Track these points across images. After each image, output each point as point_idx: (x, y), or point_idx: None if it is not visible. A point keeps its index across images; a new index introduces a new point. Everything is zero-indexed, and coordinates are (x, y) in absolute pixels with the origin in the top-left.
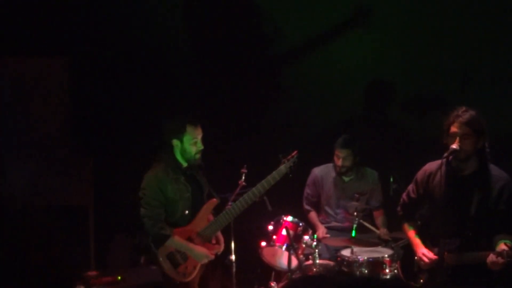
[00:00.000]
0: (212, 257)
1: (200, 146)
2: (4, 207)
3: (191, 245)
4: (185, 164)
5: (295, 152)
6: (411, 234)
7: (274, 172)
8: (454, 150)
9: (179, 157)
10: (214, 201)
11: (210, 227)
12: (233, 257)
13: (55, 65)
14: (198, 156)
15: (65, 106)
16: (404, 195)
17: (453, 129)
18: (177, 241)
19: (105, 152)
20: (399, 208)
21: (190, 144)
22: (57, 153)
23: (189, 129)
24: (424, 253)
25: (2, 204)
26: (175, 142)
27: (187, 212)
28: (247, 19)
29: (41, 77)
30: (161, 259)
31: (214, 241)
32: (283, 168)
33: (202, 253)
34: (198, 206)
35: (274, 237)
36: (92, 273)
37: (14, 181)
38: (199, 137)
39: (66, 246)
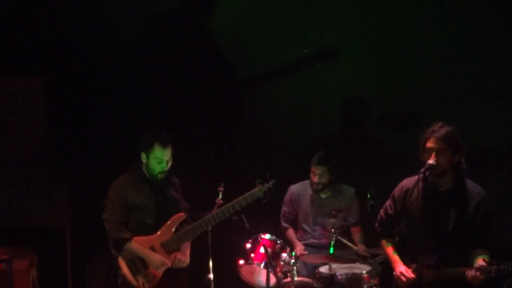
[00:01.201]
0: (168, 264)
1: (164, 167)
2: None
3: (147, 251)
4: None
5: (273, 181)
6: (389, 250)
7: (247, 194)
8: (431, 165)
9: (144, 168)
10: (182, 215)
11: (174, 239)
12: (211, 275)
13: (33, 86)
14: (160, 176)
15: (42, 127)
16: (381, 212)
17: (429, 144)
18: (134, 246)
19: (82, 173)
20: (376, 225)
21: (155, 162)
22: (34, 174)
23: (156, 147)
24: (402, 271)
25: None
26: (142, 155)
27: (149, 221)
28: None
29: (18, 98)
30: (122, 265)
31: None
32: (257, 191)
33: (159, 260)
34: (163, 217)
35: (252, 255)
36: None
37: None
38: (165, 158)
39: (43, 267)
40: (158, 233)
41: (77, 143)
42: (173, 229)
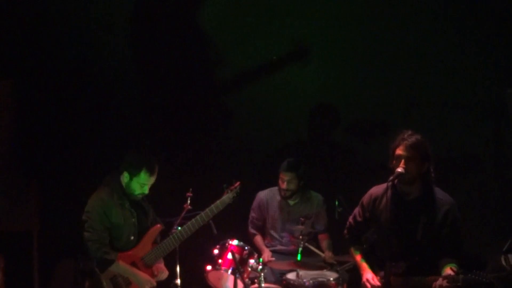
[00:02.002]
0: (154, 284)
1: (145, 191)
2: None
3: (135, 271)
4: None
5: (238, 183)
6: (358, 257)
7: (217, 202)
8: (400, 173)
9: (125, 186)
10: (159, 227)
11: (154, 252)
12: (178, 281)
13: (0, 88)
14: (140, 196)
15: (9, 129)
16: (350, 219)
17: (399, 151)
18: (121, 265)
19: (50, 176)
20: (345, 231)
21: (137, 185)
22: (1, 177)
23: (143, 174)
24: (368, 279)
25: None
26: (125, 174)
27: (132, 237)
28: (191, 45)
29: None
30: (104, 283)
31: (161, 267)
32: (226, 198)
33: (146, 279)
34: (143, 231)
35: (220, 260)
36: None
37: None
38: (149, 184)
39: (9, 271)
40: (137, 247)
41: (45, 147)
42: (151, 242)
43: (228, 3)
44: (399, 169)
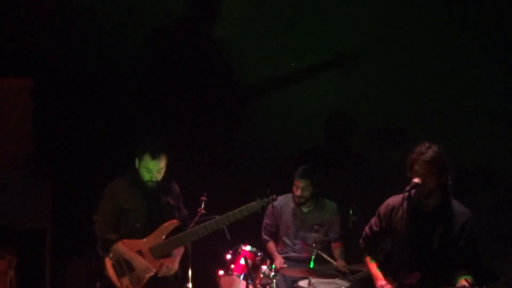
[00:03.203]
0: (153, 270)
1: (153, 177)
2: None
3: (133, 254)
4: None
5: (274, 196)
6: (373, 267)
7: (243, 207)
8: (416, 184)
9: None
10: (175, 222)
11: (163, 245)
12: (190, 285)
13: (19, 87)
14: (150, 184)
15: (26, 128)
16: (366, 228)
17: (417, 167)
18: (120, 247)
19: (65, 176)
20: (361, 241)
21: (144, 170)
22: (16, 175)
23: (145, 157)
24: (382, 285)
25: None
26: (136, 161)
27: (138, 225)
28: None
29: (4, 98)
30: (107, 265)
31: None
32: (255, 205)
33: (144, 266)
34: (155, 223)
35: (232, 266)
36: None
37: None
38: (154, 169)
39: (21, 269)
40: (148, 238)
41: (61, 145)
42: (164, 236)
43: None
44: (416, 180)
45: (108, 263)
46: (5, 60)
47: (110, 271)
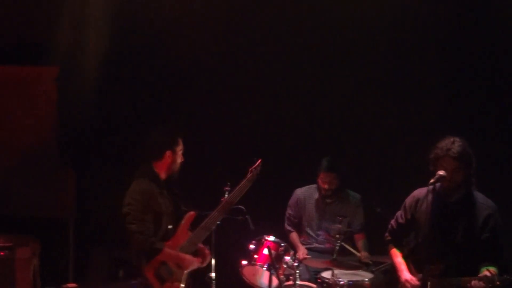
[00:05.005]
0: (202, 264)
1: (183, 158)
2: None
3: (181, 255)
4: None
5: (260, 160)
6: (398, 259)
7: (245, 180)
8: (441, 176)
9: (159, 171)
10: (193, 214)
11: (190, 240)
12: (213, 274)
13: (44, 75)
14: (177, 175)
15: (51, 117)
16: (392, 221)
17: (443, 164)
18: (168, 252)
19: (89, 165)
20: (387, 234)
21: (179, 156)
22: (40, 164)
23: (180, 142)
24: (408, 279)
25: None
26: (168, 153)
27: (170, 226)
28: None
29: (29, 86)
30: (148, 275)
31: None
32: (250, 177)
33: (193, 261)
34: (177, 220)
35: (256, 256)
36: (71, 285)
37: None
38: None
39: (45, 257)
40: (176, 236)
41: (85, 135)
42: (187, 229)
43: None
44: (441, 172)
45: (149, 272)
46: (32, 47)
47: (153, 281)
